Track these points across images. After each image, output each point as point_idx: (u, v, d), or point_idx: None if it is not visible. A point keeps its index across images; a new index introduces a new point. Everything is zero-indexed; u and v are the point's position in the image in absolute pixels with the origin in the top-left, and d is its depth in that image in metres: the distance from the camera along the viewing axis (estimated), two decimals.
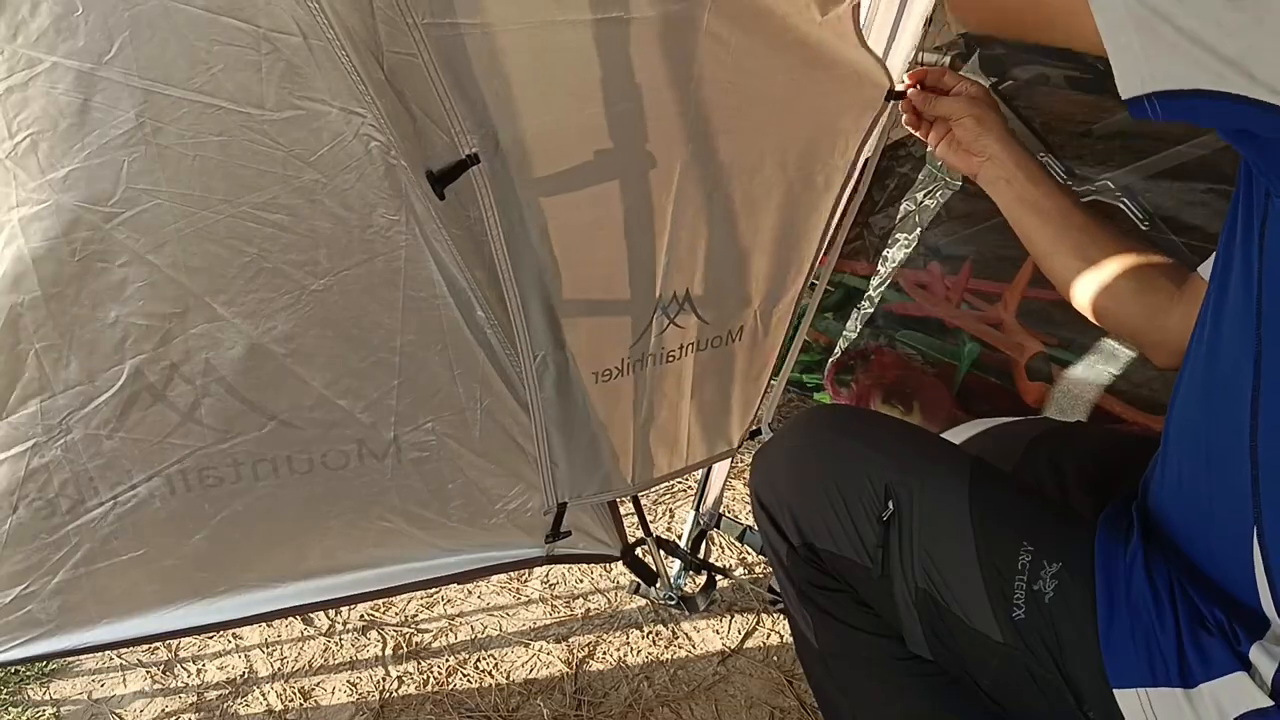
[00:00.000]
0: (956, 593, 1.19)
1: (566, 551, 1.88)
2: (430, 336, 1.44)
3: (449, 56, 1.17)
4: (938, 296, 2.10)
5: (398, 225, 1.31)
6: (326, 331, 1.37)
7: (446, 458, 1.59)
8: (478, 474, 1.64)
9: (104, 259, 1.19)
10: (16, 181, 1.10)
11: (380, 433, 1.51)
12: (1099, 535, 1.15)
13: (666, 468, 1.84)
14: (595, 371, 1.59)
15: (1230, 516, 1.02)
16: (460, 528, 1.70)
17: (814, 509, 1.31)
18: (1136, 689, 1.06)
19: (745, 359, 1.77)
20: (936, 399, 2.14)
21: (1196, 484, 1.08)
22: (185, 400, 1.35)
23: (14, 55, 1.04)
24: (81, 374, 1.28)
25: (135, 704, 1.92)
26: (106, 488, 1.39)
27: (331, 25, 1.09)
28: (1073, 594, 1.12)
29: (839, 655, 1.38)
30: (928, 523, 1.22)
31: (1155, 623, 1.06)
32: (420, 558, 1.74)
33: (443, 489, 1.63)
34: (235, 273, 1.27)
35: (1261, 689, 0.99)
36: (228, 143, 1.16)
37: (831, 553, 1.30)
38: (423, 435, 1.54)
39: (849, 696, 1.38)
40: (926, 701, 1.30)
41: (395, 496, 1.60)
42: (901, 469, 1.27)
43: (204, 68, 1.10)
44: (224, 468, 1.44)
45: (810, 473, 1.34)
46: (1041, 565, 1.14)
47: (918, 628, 1.24)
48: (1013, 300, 1.96)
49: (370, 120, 1.19)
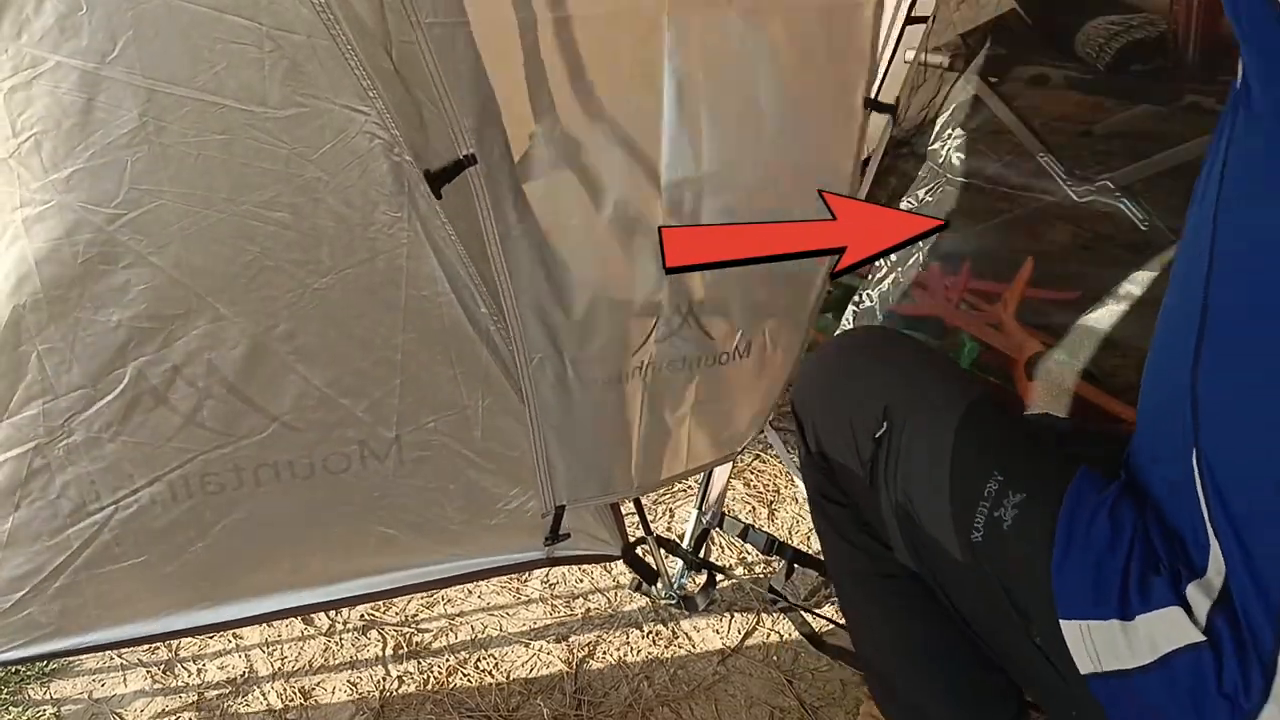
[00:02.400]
0: (928, 510, 1.27)
1: (567, 553, 1.89)
2: (432, 335, 1.45)
3: (449, 55, 1.19)
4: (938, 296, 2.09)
5: (400, 223, 1.31)
6: (329, 330, 1.37)
7: (448, 458, 1.59)
8: (479, 474, 1.64)
9: (107, 261, 1.19)
10: (20, 181, 1.10)
11: (382, 432, 1.50)
12: (1079, 474, 1.19)
13: (667, 472, 1.85)
14: (596, 377, 1.59)
15: (1178, 454, 1.05)
16: (461, 529, 1.70)
17: (828, 419, 1.43)
18: (1079, 620, 1.10)
19: (753, 374, 1.78)
20: None
21: (1156, 422, 1.14)
22: (187, 403, 1.35)
23: (18, 54, 1.04)
24: (84, 376, 1.28)
25: (135, 703, 1.92)
26: (108, 491, 1.39)
27: (337, 19, 1.10)
28: (1033, 524, 1.17)
29: (842, 573, 1.49)
30: (913, 443, 1.30)
31: (1107, 557, 1.10)
32: (421, 562, 1.75)
33: (444, 489, 1.63)
34: (238, 272, 1.27)
35: (1195, 625, 1.02)
36: (231, 141, 1.16)
37: (838, 462, 1.41)
38: (424, 435, 1.54)
39: (851, 614, 1.50)
40: (919, 625, 1.38)
41: (396, 499, 1.60)
42: (905, 392, 1.36)
43: (207, 66, 1.10)
44: (225, 473, 1.44)
45: (830, 386, 1.47)
46: (1006, 494, 1.19)
47: (899, 538, 1.33)
48: (1013, 300, 1.96)
49: (373, 118, 1.20)
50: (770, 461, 2.56)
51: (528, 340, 1.49)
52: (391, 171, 1.26)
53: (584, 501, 1.76)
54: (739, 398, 1.81)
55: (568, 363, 1.56)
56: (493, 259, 1.39)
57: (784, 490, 2.47)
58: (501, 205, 1.36)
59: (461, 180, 1.31)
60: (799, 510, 2.39)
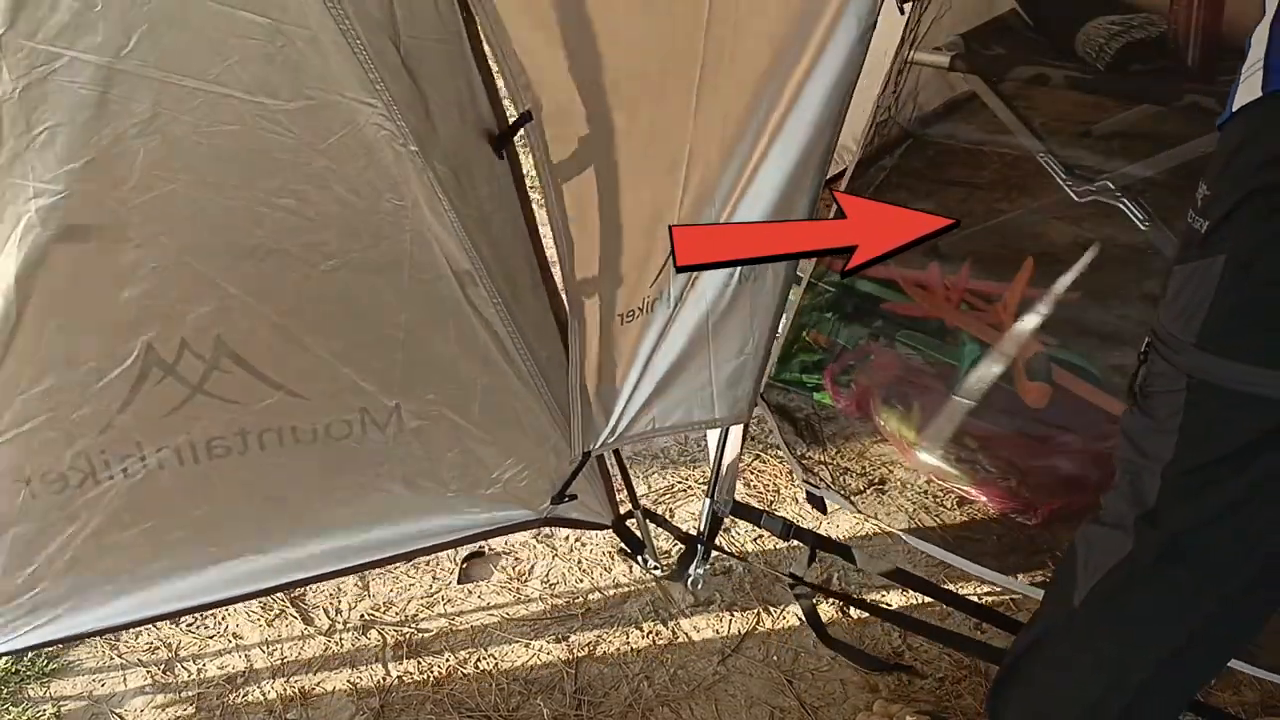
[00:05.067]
0: None
1: (560, 515, 1.95)
2: (434, 315, 1.48)
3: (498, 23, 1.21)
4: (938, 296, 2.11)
5: (404, 210, 1.34)
6: (334, 308, 1.41)
7: (446, 428, 1.63)
8: (475, 444, 1.68)
9: (119, 240, 1.21)
10: (34, 174, 1.12)
11: (383, 400, 1.54)
12: None
13: (688, 418, 1.90)
14: (621, 313, 1.63)
15: None
16: (458, 497, 1.75)
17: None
18: None
19: (755, 302, 1.79)
20: (936, 399, 2.15)
21: None
22: (195, 374, 1.38)
23: (33, 52, 1.05)
24: (94, 352, 1.30)
25: (136, 703, 1.92)
26: (116, 461, 1.42)
27: (347, 13, 1.11)
28: None
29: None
30: None
31: None
32: (418, 528, 1.80)
33: (442, 458, 1.68)
34: (246, 254, 1.30)
35: None
36: (241, 132, 1.18)
37: None
38: (424, 406, 1.59)
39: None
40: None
41: (396, 465, 1.64)
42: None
43: (219, 60, 1.11)
44: (231, 438, 1.47)
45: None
46: None
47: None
48: (1013, 300, 1.97)
49: (380, 109, 1.22)
50: (770, 461, 2.57)
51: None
52: (397, 161, 1.28)
53: (608, 446, 1.83)
54: (747, 323, 1.82)
55: (599, 300, 1.58)
56: (551, 203, 1.41)
57: (784, 490, 2.47)
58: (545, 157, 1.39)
59: (466, 164, 1.34)
60: (799, 510, 2.40)
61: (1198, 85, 1.70)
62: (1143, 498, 1.22)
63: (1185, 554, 1.21)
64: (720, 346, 1.81)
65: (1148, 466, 1.21)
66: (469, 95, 1.31)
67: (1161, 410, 1.19)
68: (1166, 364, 1.17)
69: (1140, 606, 1.27)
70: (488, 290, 1.46)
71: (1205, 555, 1.20)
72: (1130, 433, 1.25)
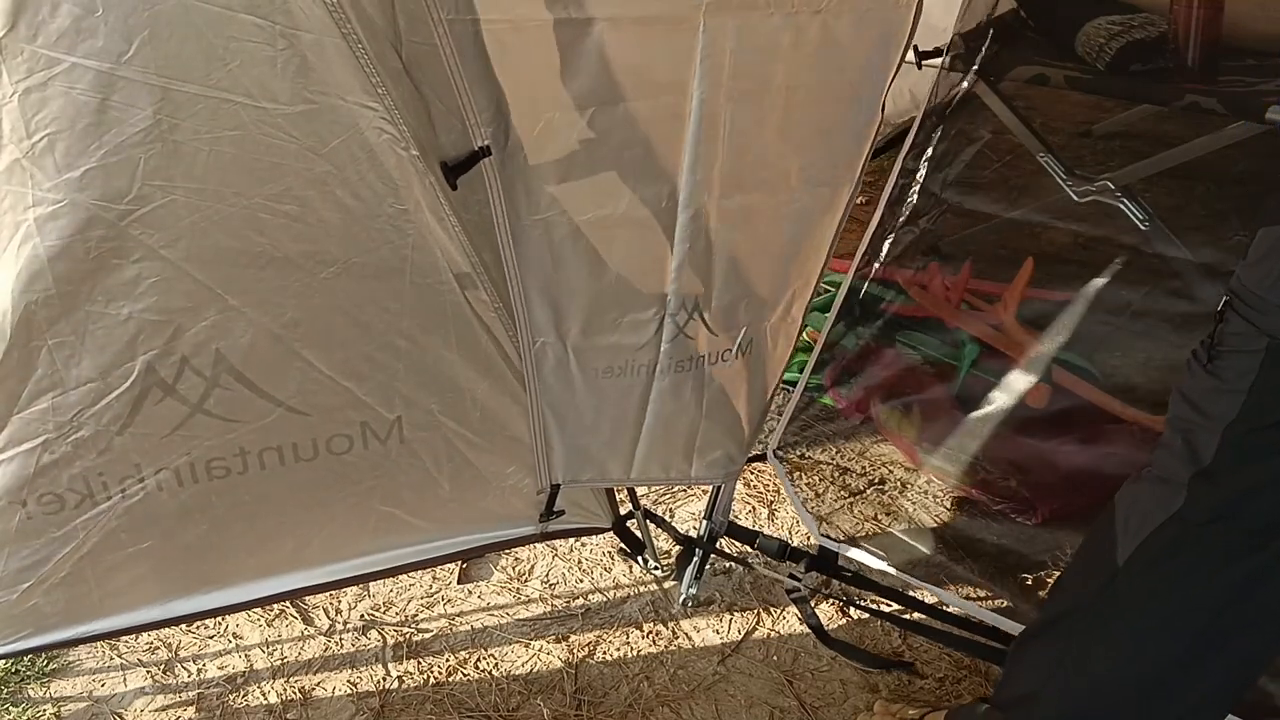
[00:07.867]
0: None
1: (560, 527, 1.94)
2: (435, 321, 1.48)
3: (468, 51, 1.21)
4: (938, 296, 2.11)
5: (406, 215, 1.34)
6: (335, 317, 1.40)
7: (446, 438, 1.63)
8: (476, 453, 1.68)
9: (118, 256, 1.20)
10: (33, 181, 1.11)
11: (383, 413, 1.54)
12: None
13: (665, 474, 1.88)
14: (598, 367, 1.62)
15: None
16: (457, 507, 1.75)
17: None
18: None
19: (752, 373, 1.79)
20: (936, 399, 2.15)
21: None
22: (195, 393, 1.37)
23: (33, 56, 1.04)
24: (93, 370, 1.29)
25: (135, 703, 1.91)
26: (115, 483, 1.41)
27: (349, 18, 1.11)
28: None
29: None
30: None
31: None
32: (419, 539, 1.79)
33: (441, 468, 1.67)
34: (246, 263, 1.29)
35: None
36: (242, 137, 1.17)
37: None
38: (424, 416, 1.58)
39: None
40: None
41: (396, 478, 1.64)
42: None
43: (221, 64, 1.11)
44: (231, 457, 1.46)
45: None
46: None
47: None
48: (1013, 300, 1.97)
49: (382, 113, 1.21)
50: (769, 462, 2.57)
51: (532, 324, 1.53)
52: (399, 165, 1.27)
53: (579, 483, 1.82)
54: (742, 394, 1.82)
55: (570, 350, 1.59)
56: (502, 246, 1.41)
57: (784, 490, 2.47)
58: (514, 195, 1.39)
59: (473, 173, 1.33)
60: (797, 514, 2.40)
61: (1198, 85, 1.70)
62: (1198, 456, 1.23)
63: (1240, 513, 1.22)
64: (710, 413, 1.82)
65: (1206, 425, 1.23)
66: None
67: (1230, 371, 1.20)
68: (1247, 324, 1.18)
69: (1190, 569, 1.28)
70: (488, 294, 1.46)
71: (1261, 515, 1.21)
72: (1189, 392, 1.26)
